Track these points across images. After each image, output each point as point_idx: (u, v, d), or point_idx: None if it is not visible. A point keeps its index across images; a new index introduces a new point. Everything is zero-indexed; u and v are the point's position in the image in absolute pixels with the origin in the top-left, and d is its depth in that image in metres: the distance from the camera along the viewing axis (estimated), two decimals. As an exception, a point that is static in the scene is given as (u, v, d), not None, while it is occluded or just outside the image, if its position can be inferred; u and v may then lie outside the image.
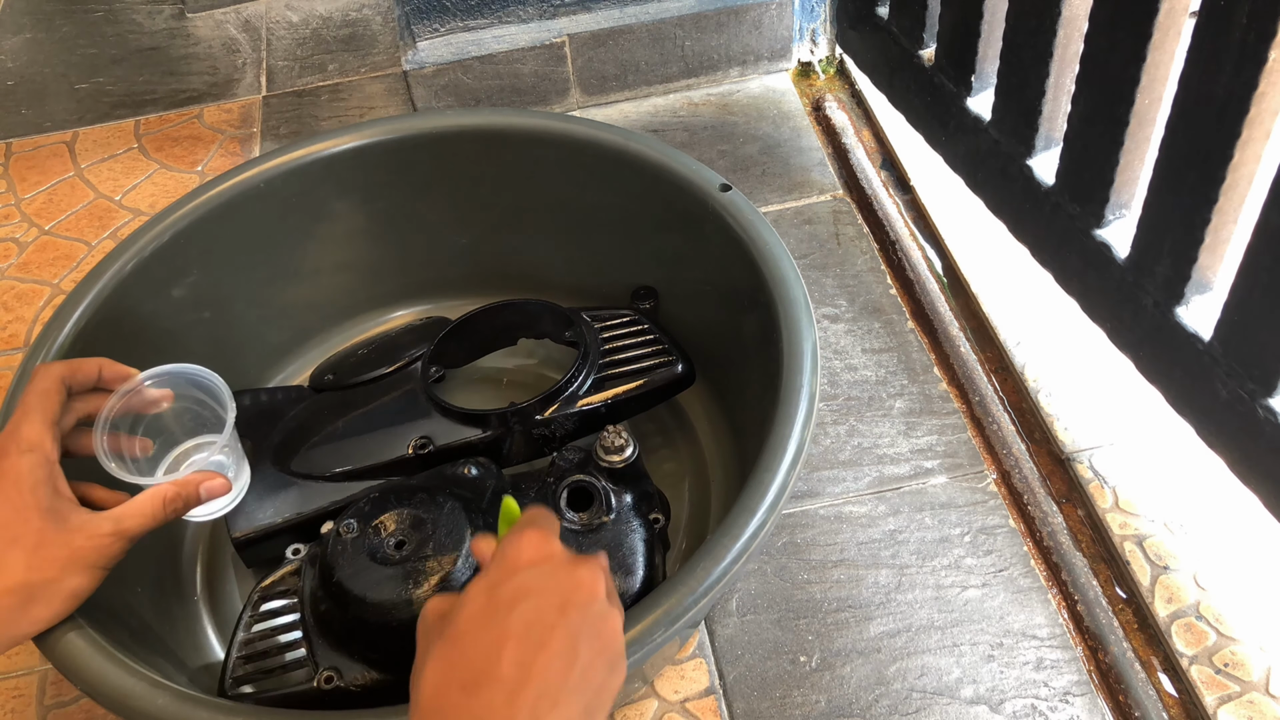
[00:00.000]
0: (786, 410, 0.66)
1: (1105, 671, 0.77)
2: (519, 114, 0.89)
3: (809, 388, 0.67)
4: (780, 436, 0.64)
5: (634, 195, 0.86)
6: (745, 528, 0.60)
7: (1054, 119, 0.91)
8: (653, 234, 0.88)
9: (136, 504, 0.59)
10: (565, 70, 1.27)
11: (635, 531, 0.71)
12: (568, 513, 0.72)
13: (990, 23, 0.95)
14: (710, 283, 0.84)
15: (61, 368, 0.60)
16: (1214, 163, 0.71)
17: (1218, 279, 0.77)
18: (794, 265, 0.75)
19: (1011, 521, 0.87)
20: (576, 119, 0.87)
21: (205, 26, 1.55)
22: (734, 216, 0.78)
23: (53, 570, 0.55)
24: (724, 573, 0.58)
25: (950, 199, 1.12)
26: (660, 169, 0.83)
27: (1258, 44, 0.65)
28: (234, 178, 0.84)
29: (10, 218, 1.26)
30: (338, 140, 0.86)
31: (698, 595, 0.57)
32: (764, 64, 1.32)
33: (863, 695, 0.77)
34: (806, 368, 0.68)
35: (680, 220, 0.83)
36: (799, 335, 0.70)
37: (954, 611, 0.81)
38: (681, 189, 0.82)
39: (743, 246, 0.77)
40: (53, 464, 0.57)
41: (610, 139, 0.85)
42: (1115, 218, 0.87)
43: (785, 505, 0.62)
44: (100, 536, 0.57)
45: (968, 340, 1.00)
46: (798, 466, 0.63)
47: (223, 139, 1.35)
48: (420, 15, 1.23)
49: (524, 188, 0.91)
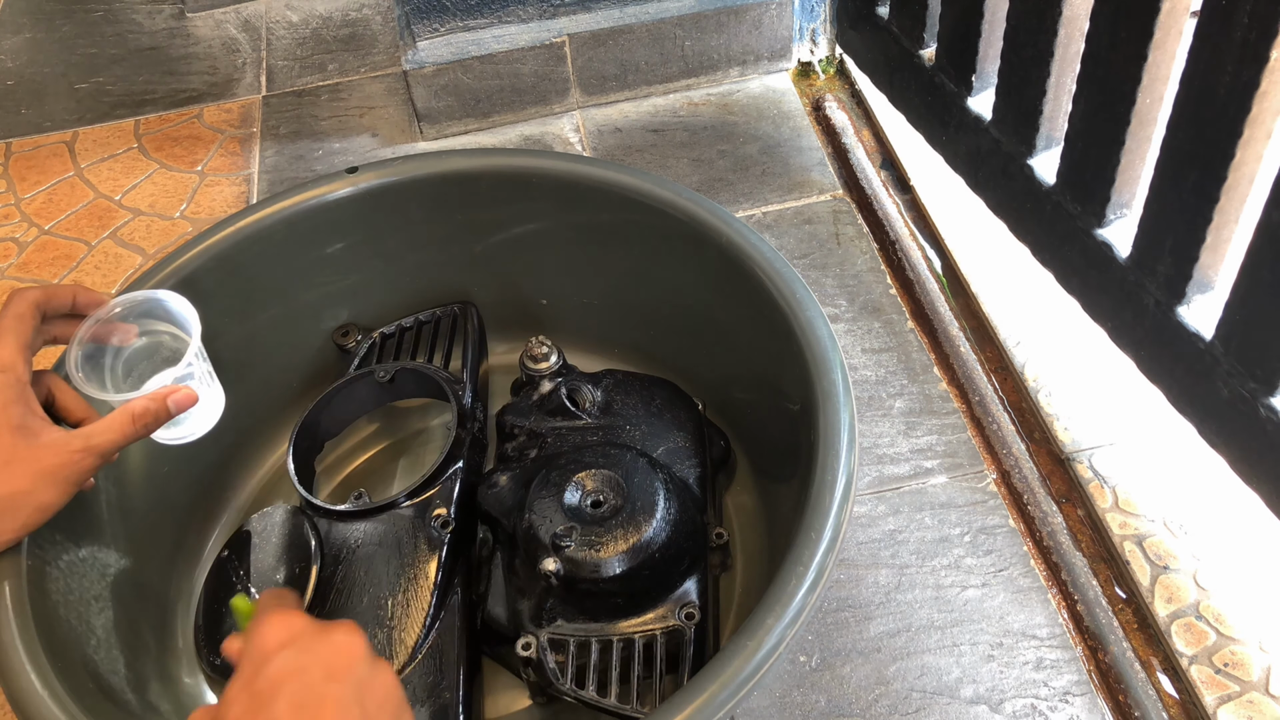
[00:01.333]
0: (820, 497, 0.61)
1: (1105, 671, 0.77)
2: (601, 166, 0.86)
3: (846, 470, 0.63)
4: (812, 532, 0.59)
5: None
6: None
7: (1055, 118, 0.91)
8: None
9: (107, 421, 0.60)
10: (565, 70, 1.27)
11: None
12: (579, 415, 0.77)
13: (991, 22, 0.95)
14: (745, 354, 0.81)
15: (36, 293, 0.62)
16: (1216, 162, 0.71)
17: (1219, 278, 0.77)
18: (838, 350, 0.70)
19: (1011, 521, 0.86)
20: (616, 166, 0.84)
21: (205, 26, 1.55)
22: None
23: (22, 483, 0.57)
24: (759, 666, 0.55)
25: (950, 199, 1.12)
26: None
27: (1259, 43, 0.65)
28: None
29: (10, 217, 1.26)
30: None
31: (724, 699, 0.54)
32: (764, 64, 1.32)
33: (863, 695, 0.77)
34: (844, 447, 0.64)
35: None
36: (836, 418, 0.65)
37: (954, 611, 0.81)
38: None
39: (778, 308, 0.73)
40: (24, 384, 0.58)
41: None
42: (1116, 217, 0.87)
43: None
44: (71, 452, 0.58)
45: (967, 340, 1.00)
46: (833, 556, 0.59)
47: (222, 139, 1.34)
48: (420, 15, 1.23)
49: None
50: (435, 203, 0.86)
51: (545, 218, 0.86)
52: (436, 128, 1.28)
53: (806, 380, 0.68)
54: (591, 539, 0.68)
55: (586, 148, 1.25)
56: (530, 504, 0.71)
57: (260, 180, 1.27)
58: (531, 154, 0.94)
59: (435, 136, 1.29)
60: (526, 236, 0.88)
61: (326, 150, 1.30)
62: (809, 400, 0.67)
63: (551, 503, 0.70)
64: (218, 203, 1.25)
